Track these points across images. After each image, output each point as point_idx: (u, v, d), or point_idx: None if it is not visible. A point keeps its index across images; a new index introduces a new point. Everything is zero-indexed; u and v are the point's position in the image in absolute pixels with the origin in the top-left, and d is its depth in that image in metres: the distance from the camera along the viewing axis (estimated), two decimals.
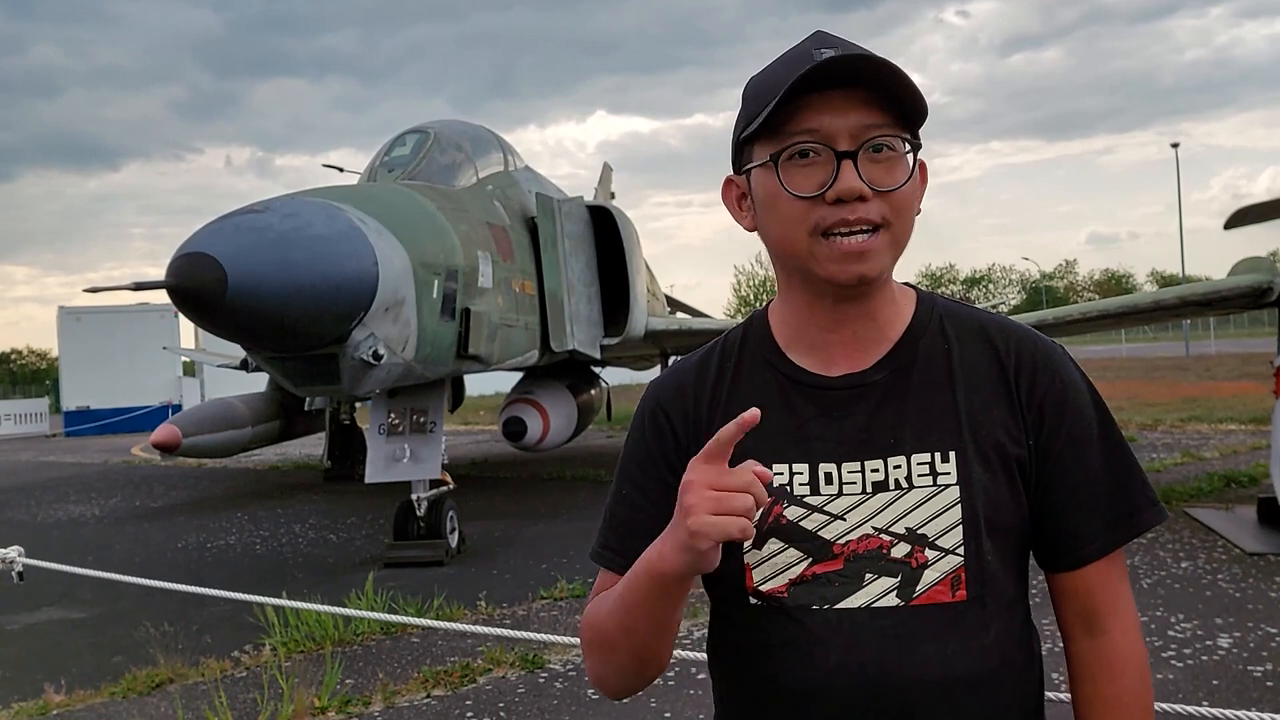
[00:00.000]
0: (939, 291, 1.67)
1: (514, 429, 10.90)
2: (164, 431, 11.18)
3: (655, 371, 15.66)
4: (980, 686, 1.26)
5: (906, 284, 1.39)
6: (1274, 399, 7.84)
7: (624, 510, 1.39)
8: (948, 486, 1.27)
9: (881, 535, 1.27)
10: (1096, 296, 69.70)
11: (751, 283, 73.99)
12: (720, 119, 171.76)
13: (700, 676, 4.85)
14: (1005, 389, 1.31)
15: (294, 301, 6.08)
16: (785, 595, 1.28)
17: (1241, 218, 9.07)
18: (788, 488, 1.30)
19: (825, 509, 1.28)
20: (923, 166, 1.32)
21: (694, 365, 1.42)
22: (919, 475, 1.28)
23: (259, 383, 13.62)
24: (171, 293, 5.91)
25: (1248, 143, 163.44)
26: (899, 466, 1.28)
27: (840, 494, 1.28)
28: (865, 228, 1.24)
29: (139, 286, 6.57)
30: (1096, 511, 1.31)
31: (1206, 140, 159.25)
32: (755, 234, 1.36)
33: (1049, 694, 1.42)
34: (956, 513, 1.26)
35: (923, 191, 1.33)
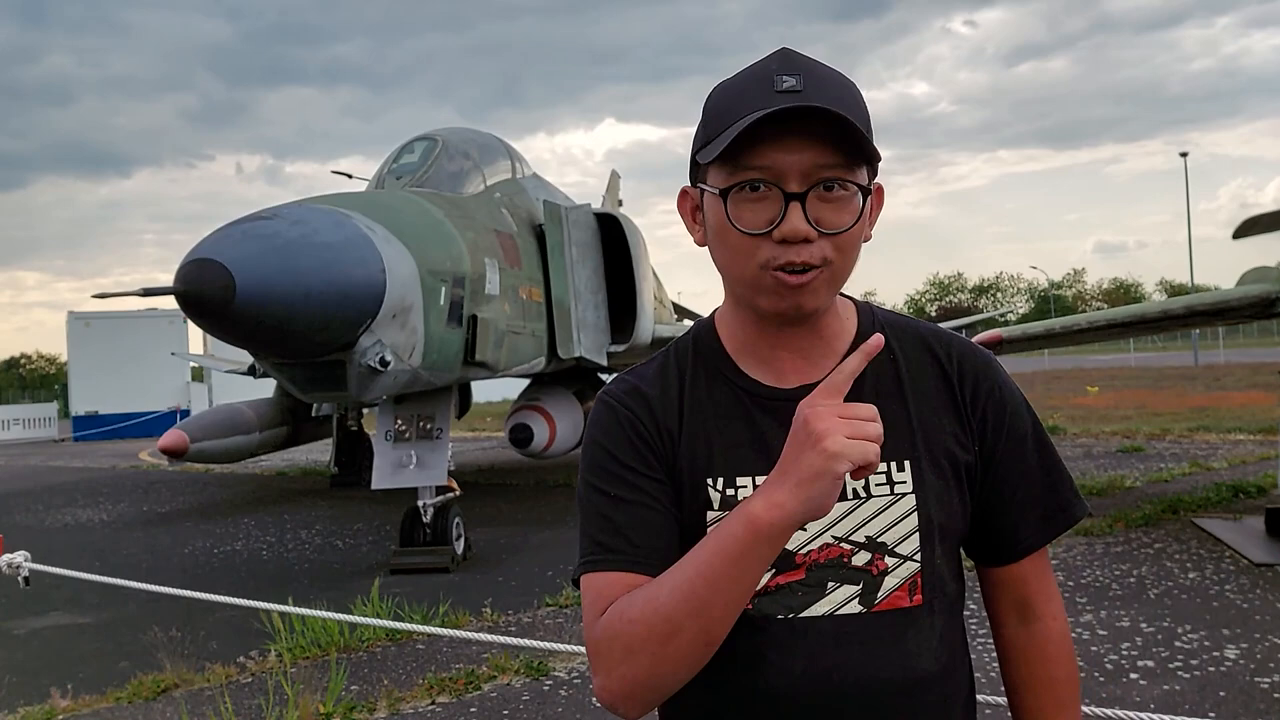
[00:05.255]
0: (948, 300, 1.65)
1: (520, 436, 10.91)
2: (172, 437, 11.22)
3: None
4: (935, 683, 1.31)
5: (845, 295, 1.39)
6: None
7: (623, 512, 1.29)
8: (904, 495, 1.31)
9: (842, 544, 1.29)
10: (1105, 305, 69.54)
11: None
12: None
13: None
14: (951, 398, 1.36)
15: (301, 308, 6.10)
16: (750, 607, 1.27)
17: (1250, 227, 9.04)
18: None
19: None
20: (879, 190, 1.32)
21: (653, 377, 1.38)
22: (876, 484, 1.31)
23: (267, 388, 13.64)
24: (179, 298, 5.93)
25: (1255, 152, 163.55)
26: None
27: None
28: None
29: (148, 292, 6.58)
30: (1034, 507, 1.39)
31: (1214, 150, 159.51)
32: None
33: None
34: (913, 520, 1.31)
35: (877, 215, 1.33)
